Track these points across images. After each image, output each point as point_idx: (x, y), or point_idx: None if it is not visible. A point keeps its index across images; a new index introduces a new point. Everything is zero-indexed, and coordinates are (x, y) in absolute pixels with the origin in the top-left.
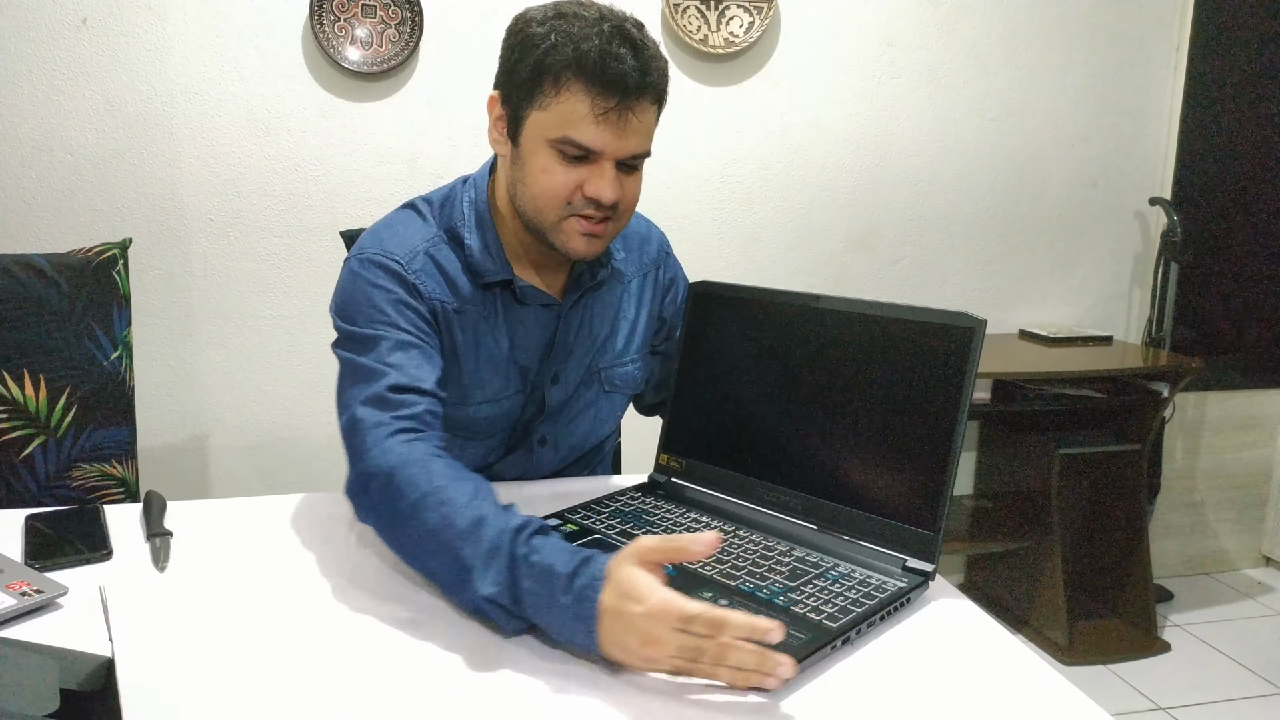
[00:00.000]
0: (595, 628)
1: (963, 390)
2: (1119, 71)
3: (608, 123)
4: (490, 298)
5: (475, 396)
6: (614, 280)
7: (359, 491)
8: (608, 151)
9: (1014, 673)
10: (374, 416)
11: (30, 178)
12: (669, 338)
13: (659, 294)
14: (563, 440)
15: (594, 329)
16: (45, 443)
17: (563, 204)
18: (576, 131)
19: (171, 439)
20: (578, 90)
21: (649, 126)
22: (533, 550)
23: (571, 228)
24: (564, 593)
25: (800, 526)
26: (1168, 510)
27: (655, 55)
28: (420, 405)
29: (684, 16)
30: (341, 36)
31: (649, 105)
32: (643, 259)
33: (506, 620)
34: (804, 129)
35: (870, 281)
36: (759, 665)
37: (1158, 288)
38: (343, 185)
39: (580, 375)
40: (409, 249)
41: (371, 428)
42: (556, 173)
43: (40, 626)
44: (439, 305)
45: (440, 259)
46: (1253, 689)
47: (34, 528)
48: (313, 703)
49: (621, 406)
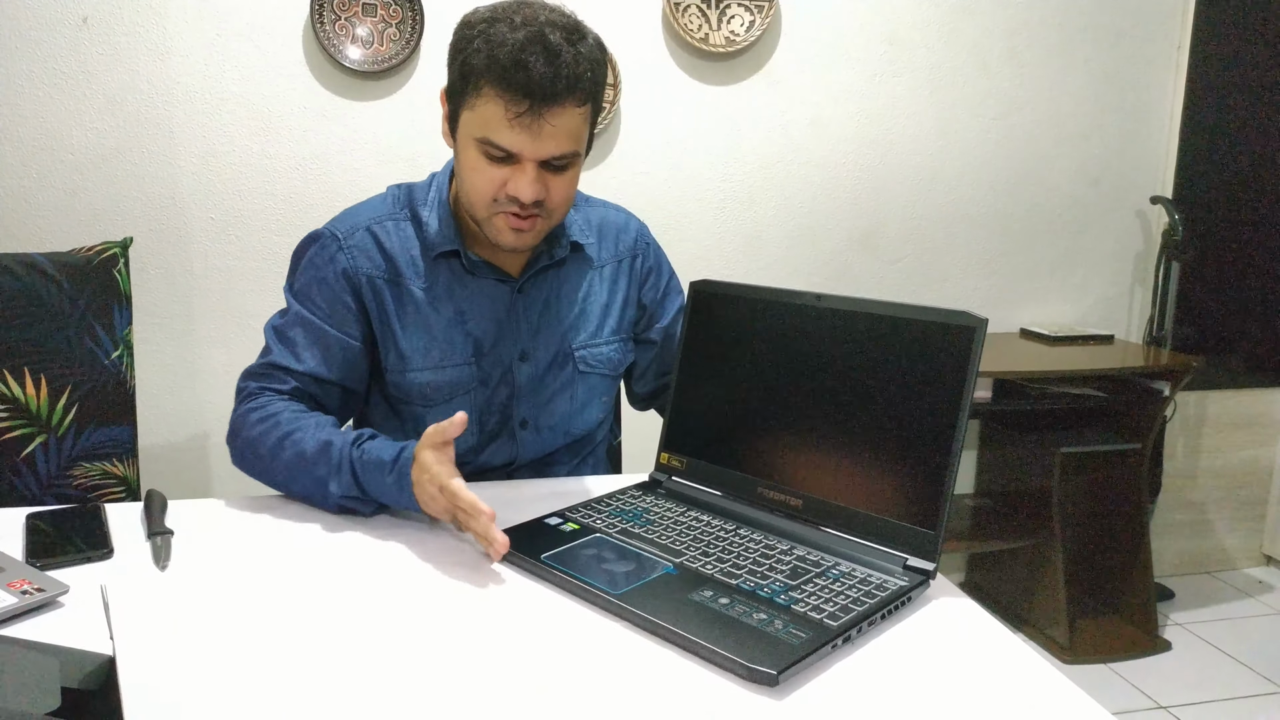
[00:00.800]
0: (412, 492)
1: (964, 389)
2: (1120, 70)
3: (521, 126)
4: (437, 269)
5: (415, 363)
6: (580, 263)
7: (231, 439)
8: (525, 154)
9: (1015, 671)
10: (250, 386)
11: (31, 177)
12: (651, 325)
13: (636, 281)
14: (543, 421)
15: (560, 309)
16: (46, 441)
17: (490, 200)
18: (494, 134)
19: (172, 438)
20: (491, 95)
21: (570, 129)
22: (364, 453)
23: (501, 223)
24: (389, 473)
25: (801, 525)
26: (1169, 509)
27: (576, 60)
28: (290, 384)
29: (685, 15)
30: (342, 35)
31: (568, 108)
32: (618, 247)
33: (362, 505)
34: (805, 127)
35: (871, 280)
36: (483, 540)
37: (1159, 286)
38: (343, 184)
39: (551, 355)
40: (351, 225)
41: (245, 396)
42: (482, 171)
43: (41, 625)
44: (365, 280)
45: (381, 234)
46: (1253, 688)
47: (35, 526)
48: (313, 701)
49: (604, 392)
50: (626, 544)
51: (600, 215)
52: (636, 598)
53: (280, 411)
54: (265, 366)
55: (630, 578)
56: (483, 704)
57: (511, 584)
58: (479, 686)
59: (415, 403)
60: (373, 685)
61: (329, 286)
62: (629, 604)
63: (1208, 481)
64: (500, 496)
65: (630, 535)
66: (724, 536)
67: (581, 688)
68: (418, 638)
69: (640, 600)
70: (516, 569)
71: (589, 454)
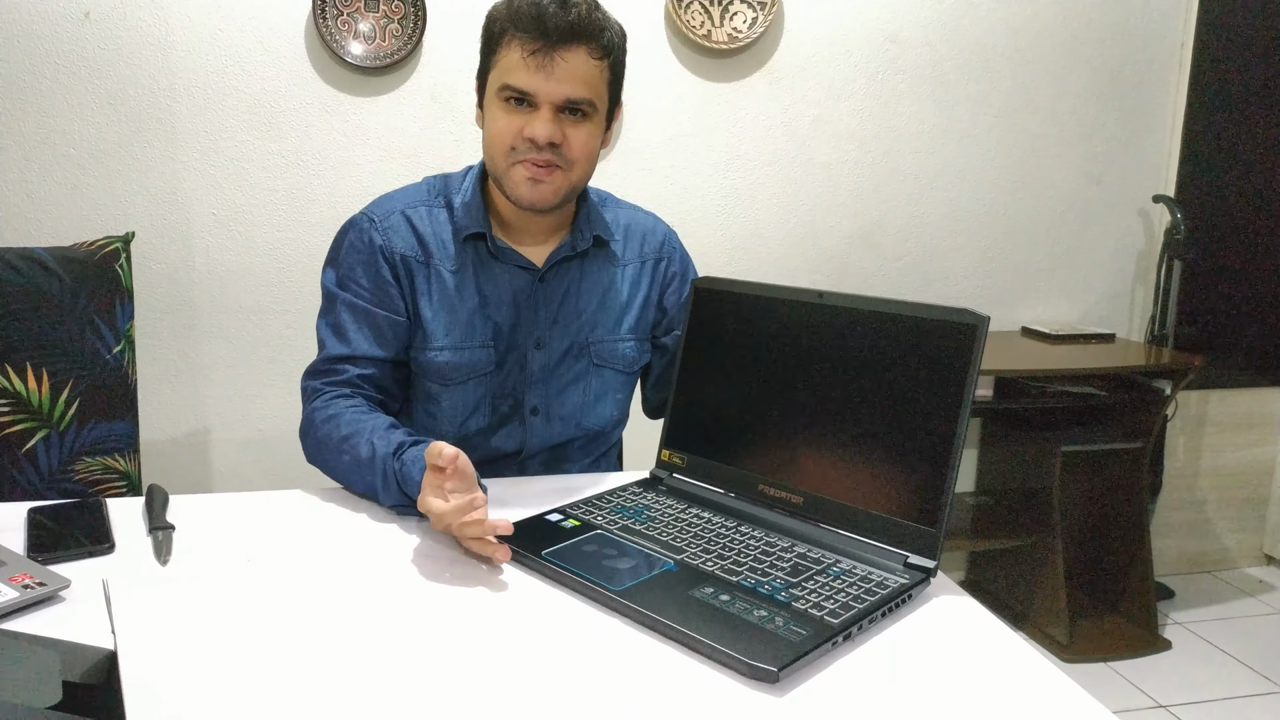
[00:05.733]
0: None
1: (965, 387)
2: (1123, 68)
3: (536, 65)
4: (465, 252)
5: (436, 341)
6: (605, 259)
7: (303, 438)
8: (540, 93)
9: (1015, 670)
10: (310, 385)
11: (33, 171)
12: (670, 330)
13: (659, 284)
14: (554, 411)
15: (580, 301)
16: (48, 436)
17: (508, 149)
18: (512, 77)
19: (174, 433)
20: (511, 41)
21: (583, 73)
22: (403, 464)
23: (518, 174)
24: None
25: (802, 523)
26: (1169, 508)
27: (590, 10)
28: (350, 371)
29: (688, 12)
30: (344, 30)
31: (581, 51)
32: (644, 249)
33: (408, 509)
34: (807, 125)
35: (873, 278)
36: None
37: (1161, 285)
38: (345, 180)
39: (566, 345)
40: (386, 209)
41: (311, 395)
42: (500, 120)
43: (42, 619)
44: (399, 257)
45: (415, 219)
46: (1253, 687)
47: (36, 521)
48: (314, 696)
49: (619, 389)
50: (627, 541)
51: (629, 216)
52: (637, 594)
53: (341, 414)
54: (323, 362)
55: (631, 574)
56: (483, 699)
57: (512, 580)
58: (479, 681)
59: (432, 380)
60: (373, 680)
61: (370, 267)
62: (630, 601)
63: (1208, 481)
64: (502, 493)
65: (631, 532)
66: (725, 533)
67: (582, 684)
68: (419, 633)
69: (641, 597)
70: (517, 565)
71: (603, 455)
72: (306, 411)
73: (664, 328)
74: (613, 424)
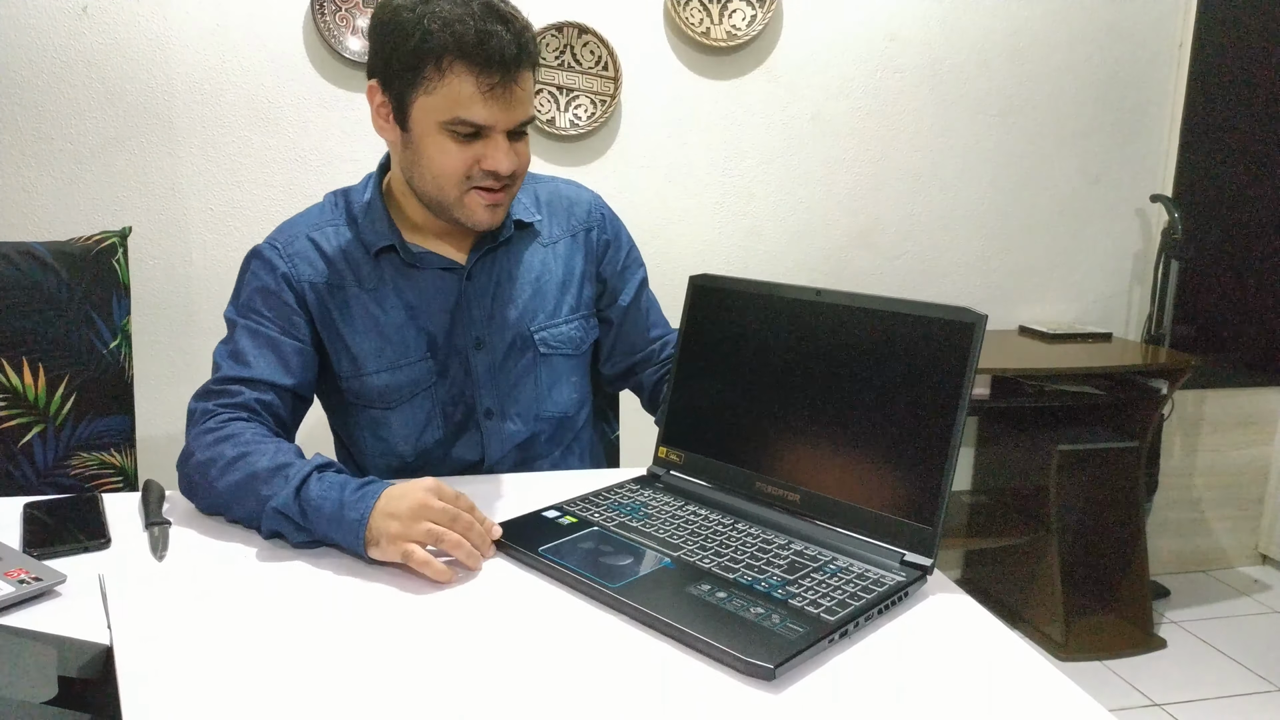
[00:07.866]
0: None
1: (962, 385)
2: (1121, 67)
3: (495, 98)
4: (379, 267)
5: (369, 366)
6: (529, 241)
7: (180, 467)
8: (499, 125)
9: (1011, 668)
10: (200, 406)
11: (30, 166)
12: (613, 301)
13: (593, 255)
14: (509, 409)
15: (513, 292)
16: (44, 431)
17: (462, 180)
18: (466, 111)
19: (170, 428)
20: (461, 72)
21: (529, 91)
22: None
23: (474, 201)
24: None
25: (799, 520)
26: (1165, 507)
27: (525, 24)
28: (247, 394)
29: (686, 9)
30: (342, 26)
31: (528, 73)
32: (570, 221)
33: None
34: (805, 123)
35: (871, 276)
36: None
37: (1158, 285)
38: (343, 176)
39: (509, 340)
40: (290, 235)
41: (201, 417)
42: (452, 152)
43: (38, 614)
44: (308, 286)
45: (321, 240)
46: (1249, 686)
47: (32, 516)
48: (310, 691)
49: (572, 372)
50: (624, 537)
51: (550, 189)
52: (634, 591)
53: (240, 432)
54: (217, 383)
55: (628, 571)
56: (479, 696)
57: (509, 576)
58: (476, 677)
59: (376, 405)
60: (369, 675)
61: (273, 294)
62: (626, 597)
63: (1204, 480)
64: (495, 491)
65: (628, 529)
66: (722, 531)
67: (579, 681)
68: (415, 629)
69: (638, 594)
70: (514, 561)
71: (572, 441)
72: (192, 434)
73: (606, 299)
74: (575, 407)
